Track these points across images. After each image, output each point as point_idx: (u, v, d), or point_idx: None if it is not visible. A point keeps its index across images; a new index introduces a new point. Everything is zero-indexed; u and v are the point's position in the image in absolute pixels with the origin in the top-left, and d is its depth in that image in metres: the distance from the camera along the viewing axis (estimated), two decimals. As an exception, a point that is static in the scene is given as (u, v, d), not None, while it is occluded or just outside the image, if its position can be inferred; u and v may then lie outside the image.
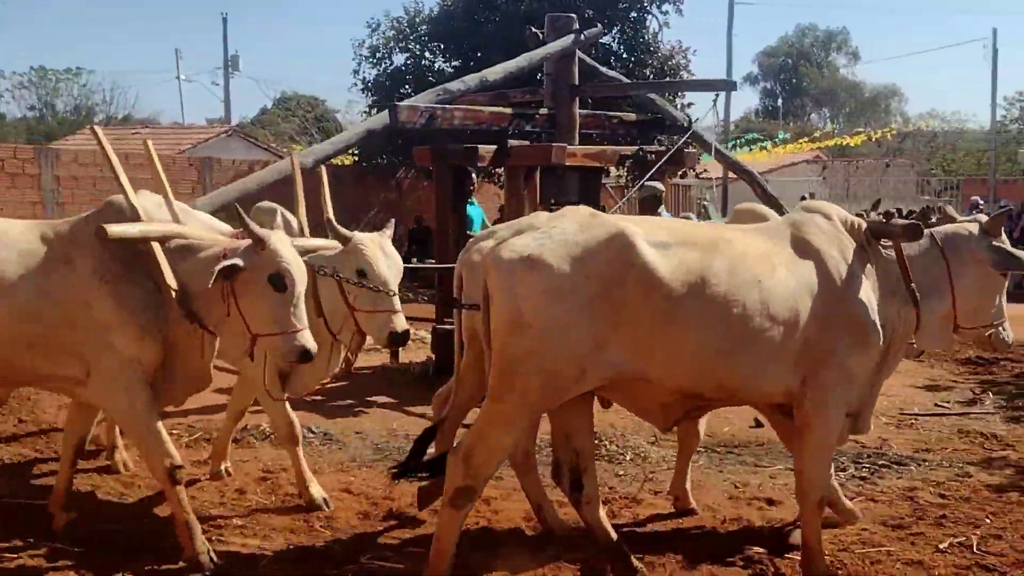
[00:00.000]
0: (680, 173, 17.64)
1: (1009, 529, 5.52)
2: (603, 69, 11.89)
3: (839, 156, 38.69)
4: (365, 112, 21.13)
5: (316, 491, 5.85)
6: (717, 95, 13.05)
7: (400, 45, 20.09)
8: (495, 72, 10.10)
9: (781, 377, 4.56)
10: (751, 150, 32.97)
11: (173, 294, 4.72)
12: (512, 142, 9.65)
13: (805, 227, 4.76)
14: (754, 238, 4.68)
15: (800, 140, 38.62)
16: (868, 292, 4.69)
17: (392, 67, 20.16)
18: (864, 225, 4.88)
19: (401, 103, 9.21)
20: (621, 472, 6.69)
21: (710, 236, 4.53)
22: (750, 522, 5.68)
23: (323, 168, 6.57)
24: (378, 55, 20.22)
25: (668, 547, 5.19)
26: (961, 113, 78.52)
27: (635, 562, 4.78)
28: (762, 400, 4.93)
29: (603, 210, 10.40)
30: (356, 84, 20.92)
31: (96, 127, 5.71)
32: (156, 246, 4.77)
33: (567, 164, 9.78)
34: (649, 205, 9.55)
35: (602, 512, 4.89)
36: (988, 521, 5.67)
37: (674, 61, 17.81)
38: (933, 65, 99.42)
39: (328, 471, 6.58)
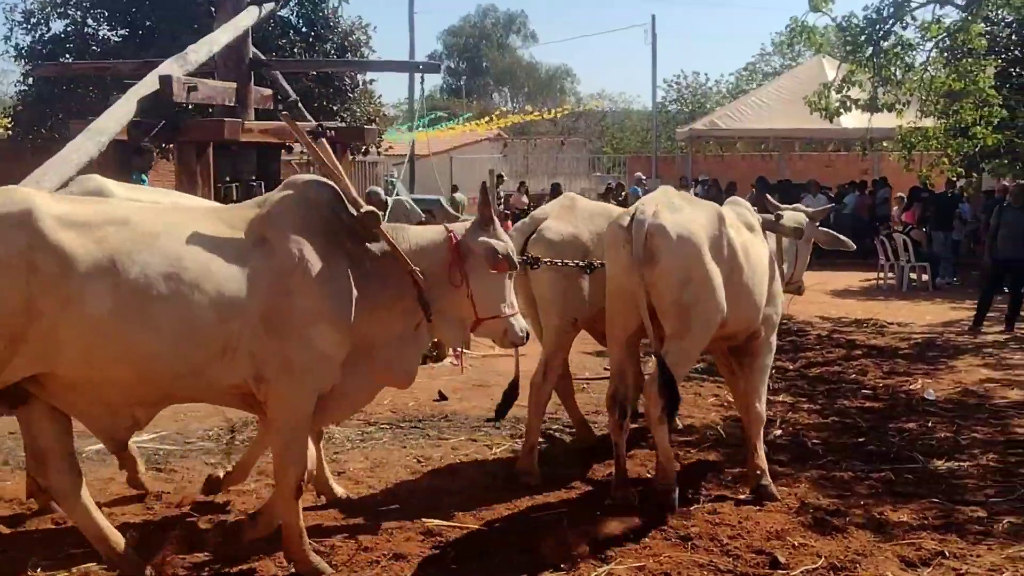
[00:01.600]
0: (363, 150, 17.62)
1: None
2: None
3: (519, 135, 40.13)
4: (20, 82, 19.30)
5: None
6: (423, 78, 13.11)
7: (59, 11, 18.50)
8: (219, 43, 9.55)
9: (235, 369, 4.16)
10: (434, 128, 33.45)
11: (419, 280, 4.39)
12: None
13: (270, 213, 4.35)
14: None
15: (486, 119, 39.66)
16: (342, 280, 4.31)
17: (50, 34, 18.54)
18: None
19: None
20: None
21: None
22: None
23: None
24: (33, 20, 18.52)
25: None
26: (627, 94, 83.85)
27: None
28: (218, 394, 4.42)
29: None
30: (8, 51, 19.08)
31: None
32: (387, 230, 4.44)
33: (243, 140, 9.45)
34: None
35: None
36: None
37: (355, 37, 17.64)
38: (602, 48, 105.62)
39: None
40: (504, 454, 6.63)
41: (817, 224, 6.68)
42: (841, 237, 6.90)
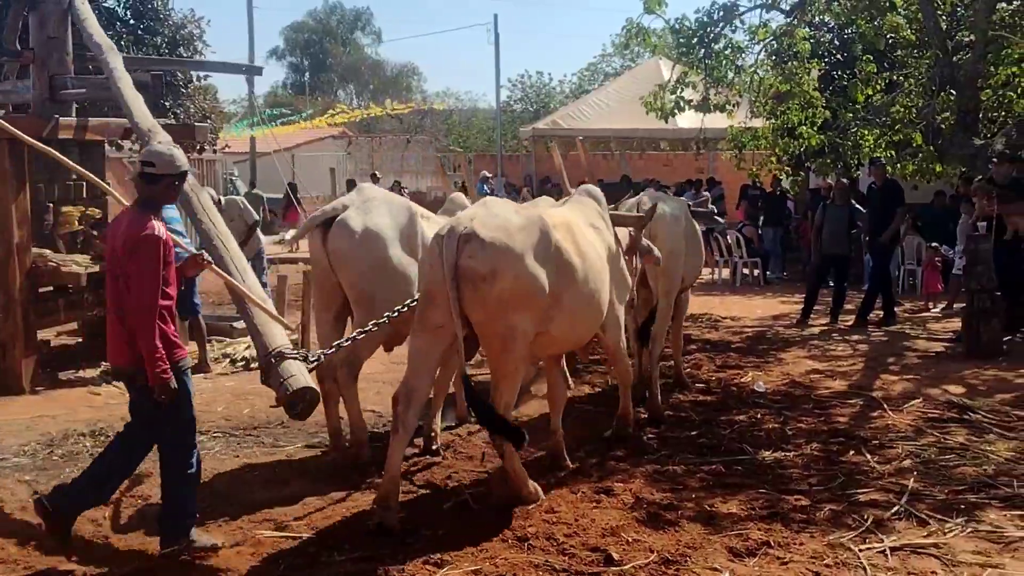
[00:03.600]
0: (198, 148, 17.01)
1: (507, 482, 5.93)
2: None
3: (364, 133, 39.72)
4: None
5: None
6: (252, 80, 12.68)
7: None
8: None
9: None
10: (274, 125, 32.76)
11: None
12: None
13: None
14: None
15: (328, 114, 39.05)
16: None
17: None
18: None
19: None
20: (128, 468, 6.21)
21: None
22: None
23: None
24: None
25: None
26: (473, 93, 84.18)
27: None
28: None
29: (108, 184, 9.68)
30: None
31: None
32: None
33: (63, 138, 8.93)
34: None
35: None
36: (488, 476, 6.05)
37: (187, 30, 16.99)
38: (447, 46, 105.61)
39: None
40: (344, 460, 6.47)
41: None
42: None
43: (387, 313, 5.81)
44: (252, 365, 9.48)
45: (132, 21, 15.88)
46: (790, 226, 18.86)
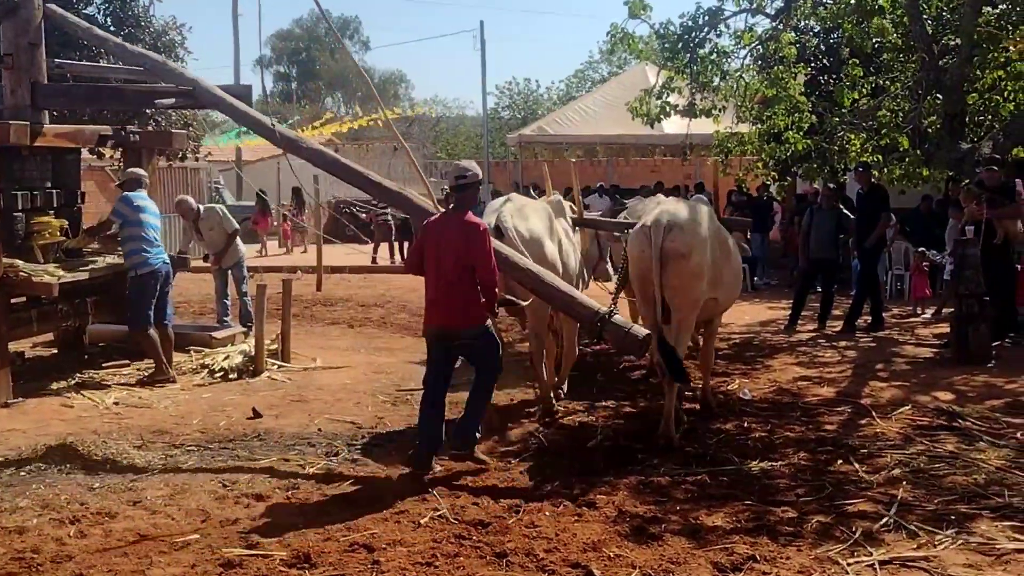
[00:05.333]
0: (180, 155, 16.86)
1: (485, 495, 5.78)
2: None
3: (352, 140, 39.51)
4: None
5: None
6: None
7: None
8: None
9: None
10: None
11: None
12: None
13: None
14: None
15: (317, 123, 38.86)
16: None
17: None
18: None
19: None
20: (97, 484, 6.03)
21: None
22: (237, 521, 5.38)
23: None
24: None
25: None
26: (461, 100, 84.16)
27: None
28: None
29: (82, 195, 9.54)
30: None
31: None
32: None
33: (35, 144, 8.78)
34: (130, 190, 9.15)
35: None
36: (467, 489, 5.90)
37: (168, 37, 16.79)
38: (435, 53, 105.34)
39: None
40: (319, 473, 6.31)
41: None
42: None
43: None
44: (231, 376, 9.33)
45: (112, 28, 15.62)
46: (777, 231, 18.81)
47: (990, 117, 12.40)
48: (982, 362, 9.31)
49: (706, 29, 12.75)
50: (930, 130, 11.76)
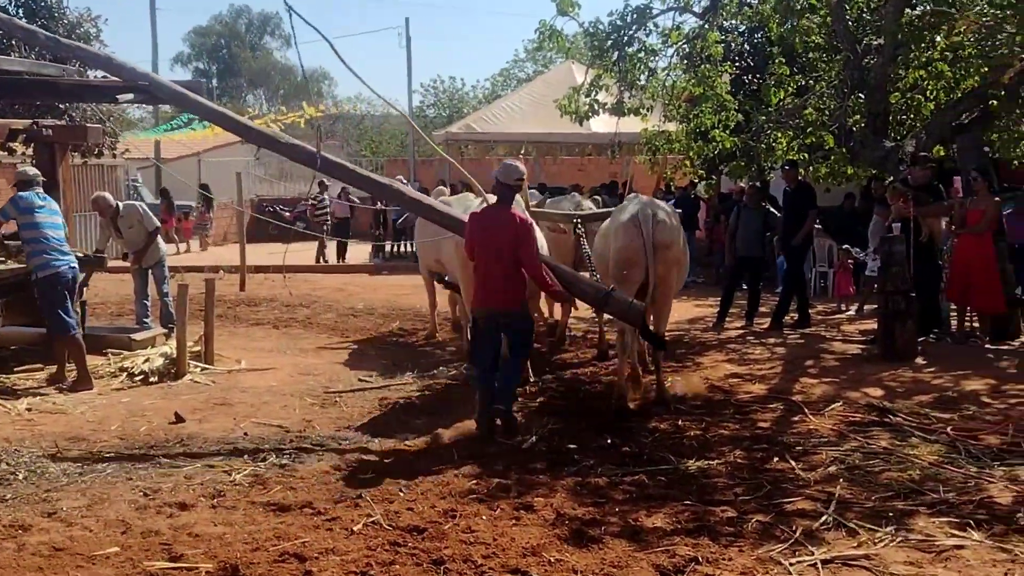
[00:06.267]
0: (96, 152, 16.30)
1: (420, 500, 5.62)
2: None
3: (274, 137, 38.80)
4: None
5: None
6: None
7: None
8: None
9: None
10: (183, 131, 31.81)
11: None
12: None
13: None
14: None
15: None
16: None
17: None
18: None
19: None
20: (9, 495, 5.72)
21: None
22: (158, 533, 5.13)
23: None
24: None
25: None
26: (386, 97, 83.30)
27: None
28: None
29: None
30: None
31: None
32: None
33: (-60, 139, 8.37)
34: (23, 190, 8.82)
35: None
36: (401, 494, 5.73)
37: (83, 29, 16.23)
38: (359, 51, 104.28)
39: None
40: (245, 480, 6.08)
41: None
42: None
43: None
44: (152, 379, 9.01)
45: (24, 19, 15.05)
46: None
47: (912, 116, 12.60)
48: (909, 358, 9.42)
49: (634, 27, 12.73)
50: (855, 129, 11.91)
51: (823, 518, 5.12)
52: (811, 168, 12.74)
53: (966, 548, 4.66)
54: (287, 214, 25.42)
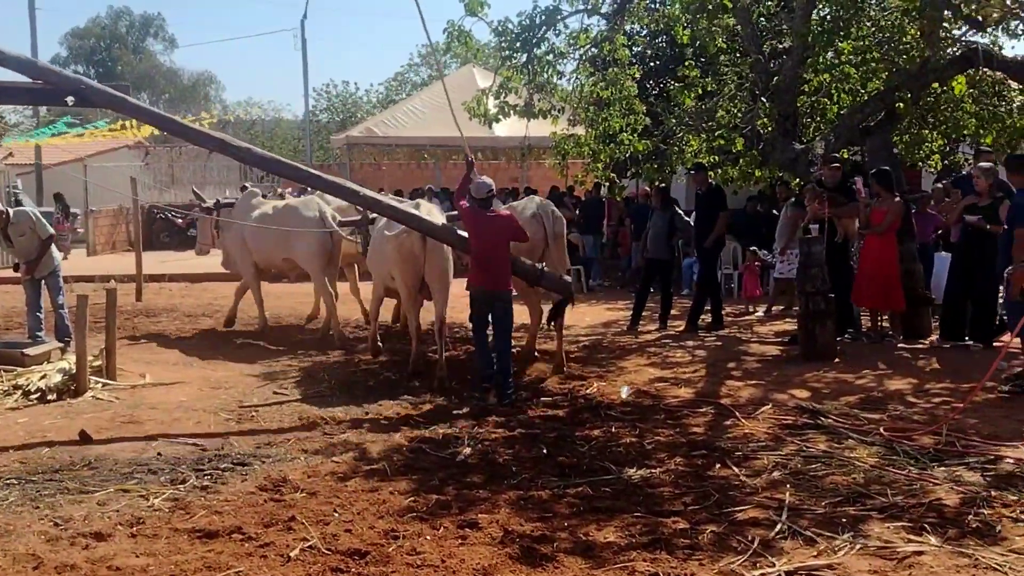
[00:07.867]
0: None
1: (357, 520, 5.32)
2: None
3: (163, 143, 37.60)
4: None
5: None
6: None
7: None
8: None
9: None
10: (67, 134, 30.50)
11: None
12: None
13: None
14: None
15: (119, 124, 36.72)
16: None
17: None
18: None
19: None
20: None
21: None
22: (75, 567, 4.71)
23: None
24: None
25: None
26: (277, 102, 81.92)
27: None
28: None
29: None
30: None
31: None
32: None
33: None
34: None
35: None
36: (336, 515, 5.42)
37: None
38: (248, 53, 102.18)
39: None
40: (165, 504, 5.67)
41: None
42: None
43: None
44: (50, 397, 8.44)
45: None
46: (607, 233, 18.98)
47: (818, 119, 12.78)
48: (829, 358, 9.50)
49: (543, 29, 12.60)
50: (763, 132, 12.00)
51: (778, 527, 5.01)
52: (719, 171, 12.79)
53: (926, 554, 4.61)
54: (179, 221, 24.53)
